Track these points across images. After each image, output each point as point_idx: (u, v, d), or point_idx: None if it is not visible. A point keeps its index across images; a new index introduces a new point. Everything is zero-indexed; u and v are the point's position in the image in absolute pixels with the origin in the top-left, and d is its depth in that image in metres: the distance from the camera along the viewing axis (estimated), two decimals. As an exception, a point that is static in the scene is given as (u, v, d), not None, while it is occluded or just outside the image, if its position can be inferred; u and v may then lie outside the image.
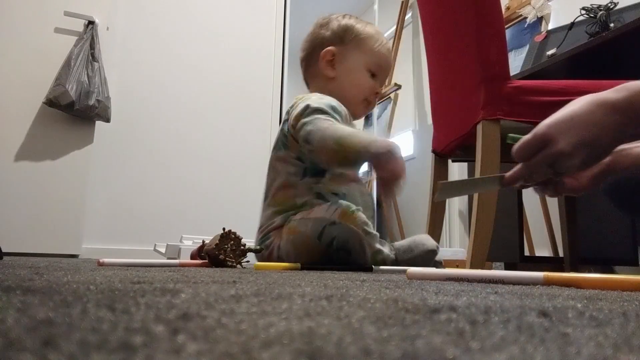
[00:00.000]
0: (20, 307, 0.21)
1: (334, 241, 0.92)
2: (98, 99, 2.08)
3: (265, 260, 1.00)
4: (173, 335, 0.16)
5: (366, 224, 0.93)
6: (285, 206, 1.02)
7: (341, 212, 0.92)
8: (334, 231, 0.91)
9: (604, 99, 0.64)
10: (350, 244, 0.92)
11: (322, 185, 1.01)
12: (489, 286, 0.48)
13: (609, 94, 0.64)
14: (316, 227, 0.93)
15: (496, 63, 1.18)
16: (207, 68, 2.55)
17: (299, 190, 1.01)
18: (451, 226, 2.77)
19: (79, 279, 0.42)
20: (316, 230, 0.93)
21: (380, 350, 0.14)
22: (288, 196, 1.03)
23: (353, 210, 0.93)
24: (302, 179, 1.02)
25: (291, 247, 0.95)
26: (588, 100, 0.65)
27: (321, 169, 1.01)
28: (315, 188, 1.01)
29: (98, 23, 2.22)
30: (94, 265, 0.79)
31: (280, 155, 1.05)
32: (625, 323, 0.22)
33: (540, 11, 2.10)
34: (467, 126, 1.25)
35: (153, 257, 1.51)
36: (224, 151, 2.52)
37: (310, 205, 0.99)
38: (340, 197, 1.00)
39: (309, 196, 1.00)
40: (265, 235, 1.02)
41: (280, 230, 1.00)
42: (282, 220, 1.01)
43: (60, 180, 2.10)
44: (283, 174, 1.04)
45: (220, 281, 0.43)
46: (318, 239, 0.92)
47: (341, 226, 0.91)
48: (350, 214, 0.92)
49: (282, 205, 1.03)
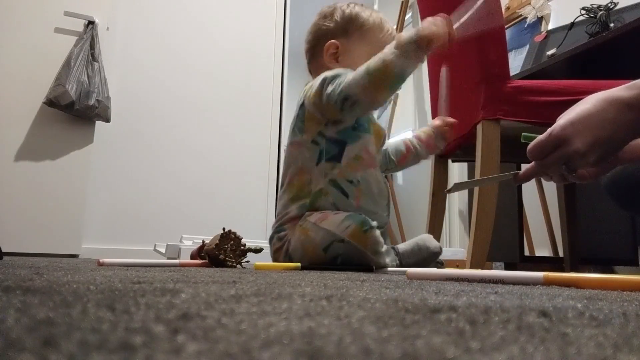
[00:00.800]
0: (20, 307, 0.21)
1: (338, 257, 0.91)
2: (98, 99, 2.08)
3: (276, 253, 1.01)
4: (173, 335, 0.16)
5: (377, 244, 0.90)
6: (301, 192, 1.01)
7: (353, 230, 0.89)
8: (340, 249, 0.90)
9: (617, 97, 0.65)
10: (355, 261, 0.90)
11: (337, 171, 0.99)
12: (489, 286, 0.48)
13: (621, 91, 0.65)
14: (325, 240, 0.91)
15: (496, 63, 1.18)
16: (207, 68, 2.55)
17: (314, 176, 1.00)
18: (451, 226, 2.77)
19: (79, 279, 0.42)
20: (324, 243, 0.91)
21: (380, 350, 0.14)
22: (303, 182, 1.01)
23: (366, 229, 0.90)
24: (318, 163, 1.00)
25: (300, 247, 0.95)
26: (600, 98, 0.65)
27: (337, 153, 1.00)
28: (330, 175, 0.99)
29: (98, 23, 2.22)
30: (94, 265, 0.79)
31: (295, 141, 1.04)
32: (625, 323, 0.22)
33: (540, 11, 2.10)
34: (467, 126, 1.25)
35: (153, 257, 1.51)
36: (224, 151, 2.52)
37: (325, 194, 0.98)
38: (354, 184, 0.99)
39: (324, 183, 0.99)
40: (281, 227, 1.02)
41: (295, 223, 0.99)
42: (298, 211, 1.00)
43: (60, 180, 2.10)
44: (299, 159, 1.03)
45: (220, 281, 0.43)
46: (324, 251, 0.91)
47: (349, 245, 0.89)
48: (361, 234, 0.89)
49: (297, 192, 1.02)
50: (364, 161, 1.01)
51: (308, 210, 0.99)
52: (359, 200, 1.00)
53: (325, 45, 1.07)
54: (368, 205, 1.00)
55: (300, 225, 0.97)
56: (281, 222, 1.02)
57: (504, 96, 1.17)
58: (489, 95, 1.17)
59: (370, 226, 0.91)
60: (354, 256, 0.90)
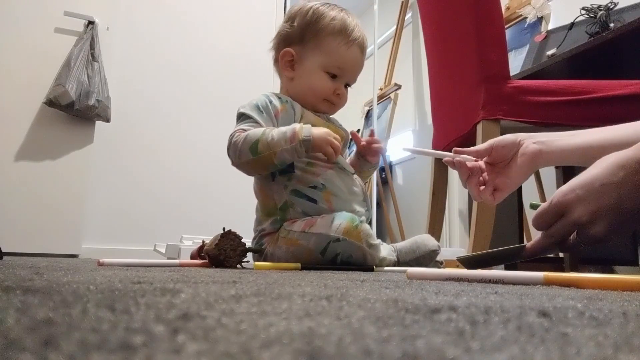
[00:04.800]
0: (20, 307, 0.21)
1: (337, 256, 0.92)
2: (98, 99, 2.08)
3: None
4: (173, 335, 0.16)
5: (369, 236, 0.92)
6: (268, 209, 1.02)
7: (345, 227, 0.91)
8: (338, 248, 0.91)
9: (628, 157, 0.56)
10: (354, 257, 0.92)
11: (295, 181, 0.99)
12: (489, 286, 0.48)
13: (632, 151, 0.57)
14: (319, 243, 0.92)
15: (496, 63, 1.18)
16: (207, 68, 2.55)
17: (275, 192, 1.01)
18: (451, 226, 2.77)
19: (79, 279, 0.42)
20: (319, 246, 0.92)
21: (380, 350, 0.14)
22: (266, 198, 1.03)
23: (357, 224, 0.91)
24: (274, 179, 1.01)
25: (291, 257, 0.94)
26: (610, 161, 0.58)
27: (288, 166, 0.99)
28: (290, 185, 0.99)
29: (98, 23, 2.22)
30: (94, 265, 0.79)
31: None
32: (625, 323, 0.22)
33: (540, 11, 2.10)
34: (467, 126, 1.26)
35: (153, 257, 1.51)
36: (224, 151, 2.51)
37: (291, 206, 0.98)
38: (319, 188, 0.98)
39: (287, 195, 0.99)
40: (259, 242, 1.03)
41: (272, 237, 0.99)
42: (272, 227, 1.00)
43: (60, 180, 2.10)
44: (257, 178, 1.06)
45: (220, 281, 0.43)
46: (321, 254, 0.92)
47: (346, 243, 0.90)
48: (354, 229, 0.90)
49: (265, 209, 1.03)
50: (319, 165, 1.00)
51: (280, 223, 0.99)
52: (330, 203, 0.99)
53: (281, 53, 1.07)
54: (341, 206, 0.99)
55: (282, 237, 0.97)
56: (258, 238, 1.03)
57: (504, 96, 1.17)
58: (489, 95, 1.17)
59: (359, 221, 0.92)
60: (351, 252, 0.91)
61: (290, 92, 1.08)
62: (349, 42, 1.04)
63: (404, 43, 3.34)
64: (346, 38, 1.04)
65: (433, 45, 1.49)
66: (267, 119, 0.99)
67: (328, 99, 1.07)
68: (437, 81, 1.50)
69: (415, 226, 2.98)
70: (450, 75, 1.38)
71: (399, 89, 3.26)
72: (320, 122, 1.05)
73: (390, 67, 3.28)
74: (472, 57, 1.21)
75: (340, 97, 1.08)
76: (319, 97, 1.06)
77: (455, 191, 2.70)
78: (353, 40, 1.04)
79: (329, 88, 1.05)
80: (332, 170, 1.01)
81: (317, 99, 1.07)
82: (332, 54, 1.03)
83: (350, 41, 1.04)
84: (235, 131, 0.98)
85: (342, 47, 1.04)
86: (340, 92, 1.07)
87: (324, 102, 1.08)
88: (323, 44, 1.04)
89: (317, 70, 1.04)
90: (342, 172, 1.03)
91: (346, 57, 1.04)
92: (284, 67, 1.07)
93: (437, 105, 1.52)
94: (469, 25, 1.21)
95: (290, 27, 1.06)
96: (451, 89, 1.38)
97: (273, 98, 1.02)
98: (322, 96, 1.06)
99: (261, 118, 0.99)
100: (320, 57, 1.04)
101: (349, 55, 1.05)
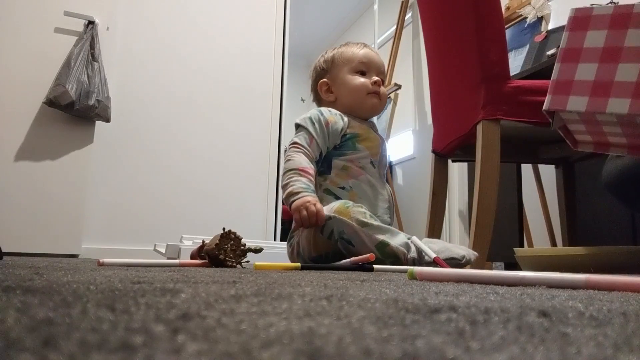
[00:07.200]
0: (20, 307, 0.21)
1: (333, 232, 1.01)
2: (98, 99, 2.08)
3: (291, 255, 1.14)
4: (173, 335, 0.16)
5: (359, 214, 0.99)
6: None
7: (337, 207, 1.02)
8: (332, 224, 1.01)
9: None
10: (347, 234, 0.99)
11: (328, 181, 1.15)
12: (489, 286, 0.48)
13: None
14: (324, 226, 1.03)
15: (496, 63, 1.18)
16: (207, 68, 2.55)
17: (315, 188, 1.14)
18: (451, 226, 2.77)
19: (79, 279, 0.42)
20: (325, 229, 1.03)
21: (380, 350, 0.14)
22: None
23: (348, 206, 1.01)
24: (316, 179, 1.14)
25: (305, 242, 1.07)
26: None
27: (326, 168, 1.17)
28: (324, 185, 1.16)
29: (98, 23, 2.22)
30: (94, 265, 0.79)
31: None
32: (625, 323, 0.22)
33: (540, 11, 2.10)
34: (467, 126, 1.26)
35: (153, 257, 1.51)
36: (224, 151, 2.52)
37: (321, 201, 1.10)
38: (346, 189, 1.13)
39: (320, 192, 1.14)
40: (292, 234, 1.15)
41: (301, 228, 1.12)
42: None
43: (60, 180, 2.10)
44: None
45: (220, 281, 0.43)
46: (321, 232, 1.04)
47: (336, 219, 1.00)
48: (344, 209, 1.01)
49: None
50: (352, 170, 1.15)
51: None
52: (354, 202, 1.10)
53: (318, 84, 1.29)
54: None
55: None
56: (291, 231, 1.16)
57: (504, 96, 1.17)
58: (489, 95, 1.17)
59: (354, 205, 1.02)
60: (343, 229, 0.99)
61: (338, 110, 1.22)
62: (359, 46, 1.28)
63: (404, 43, 3.34)
64: (356, 46, 1.28)
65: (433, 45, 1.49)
66: (318, 129, 1.15)
67: (370, 91, 1.22)
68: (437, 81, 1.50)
69: (416, 226, 2.98)
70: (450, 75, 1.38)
71: (399, 89, 3.26)
72: (364, 129, 1.20)
73: (390, 67, 3.28)
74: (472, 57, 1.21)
75: (379, 85, 1.23)
76: (362, 93, 1.22)
77: (455, 191, 2.70)
78: (362, 45, 1.29)
79: (365, 82, 1.22)
80: (362, 177, 1.15)
81: (361, 97, 1.22)
82: (352, 58, 1.25)
83: (360, 45, 1.29)
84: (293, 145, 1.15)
85: (357, 50, 1.26)
86: (376, 80, 1.23)
87: (369, 96, 1.22)
88: (341, 59, 1.26)
89: (348, 76, 1.24)
90: (376, 180, 1.17)
91: (363, 54, 1.25)
92: (325, 95, 1.27)
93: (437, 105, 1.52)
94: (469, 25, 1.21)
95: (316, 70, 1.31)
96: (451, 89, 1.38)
97: (324, 111, 1.19)
98: (363, 91, 1.22)
99: (313, 129, 1.15)
100: (344, 66, 1.25)
101: (365, 52, 1.26)
